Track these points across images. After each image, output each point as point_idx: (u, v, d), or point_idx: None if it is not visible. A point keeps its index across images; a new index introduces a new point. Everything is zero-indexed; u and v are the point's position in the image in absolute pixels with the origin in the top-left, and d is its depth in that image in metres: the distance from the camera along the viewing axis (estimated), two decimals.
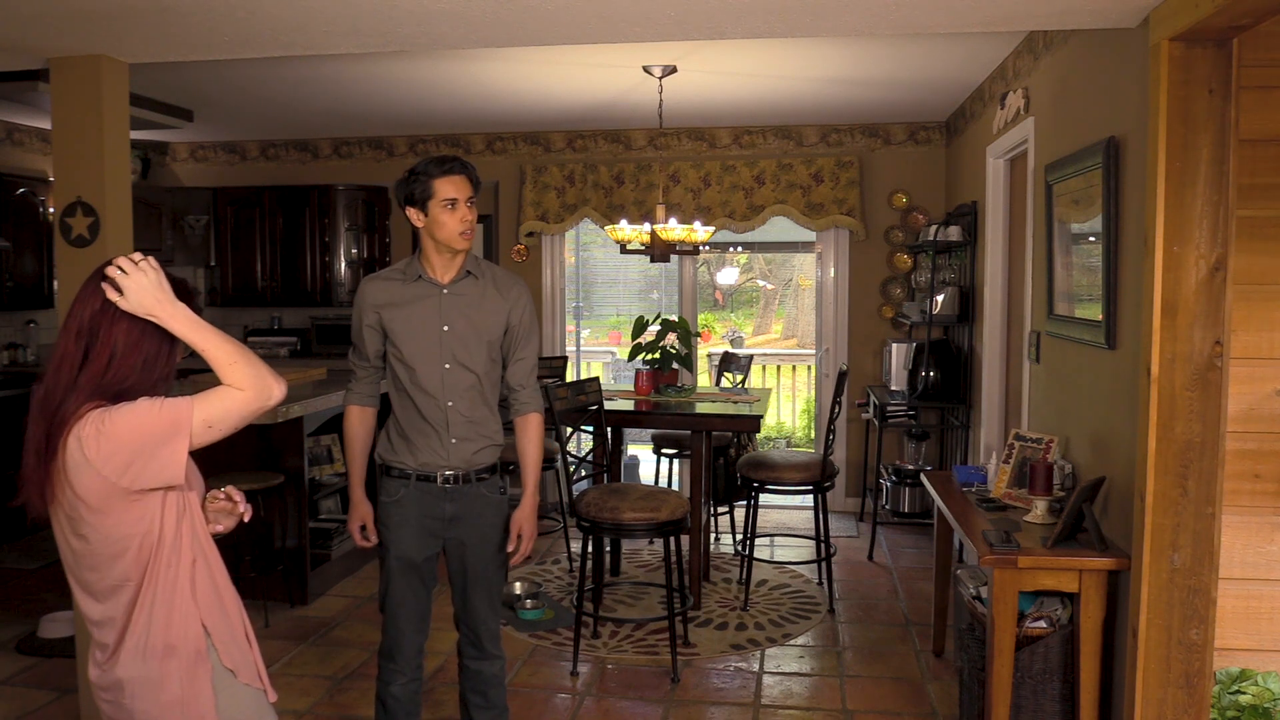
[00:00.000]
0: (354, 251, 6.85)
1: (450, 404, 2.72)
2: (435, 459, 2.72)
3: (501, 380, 2.86)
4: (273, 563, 4.67)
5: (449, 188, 2.66)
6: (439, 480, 2.73)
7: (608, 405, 4.81)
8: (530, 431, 2.86)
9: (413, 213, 2.70)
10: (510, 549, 2.87)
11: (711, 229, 5.46)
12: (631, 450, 7.28)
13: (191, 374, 5.42)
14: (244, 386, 1.73)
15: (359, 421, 2.85)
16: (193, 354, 1.79)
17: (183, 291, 1.80)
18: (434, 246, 2.72)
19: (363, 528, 2.84)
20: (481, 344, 2.75)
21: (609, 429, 4.95)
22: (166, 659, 1.76)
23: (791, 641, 4.30)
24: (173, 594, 1.77)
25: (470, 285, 2.76)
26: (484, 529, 2.81)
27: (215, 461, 4.20)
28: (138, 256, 1.74)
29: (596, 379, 4.73)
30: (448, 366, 2.71)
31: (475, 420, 2.76)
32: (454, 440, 2.73)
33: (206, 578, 1.83)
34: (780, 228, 6.79)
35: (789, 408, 9.45)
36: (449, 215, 2.66)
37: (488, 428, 2.80)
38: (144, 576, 1.76)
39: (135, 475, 1.68)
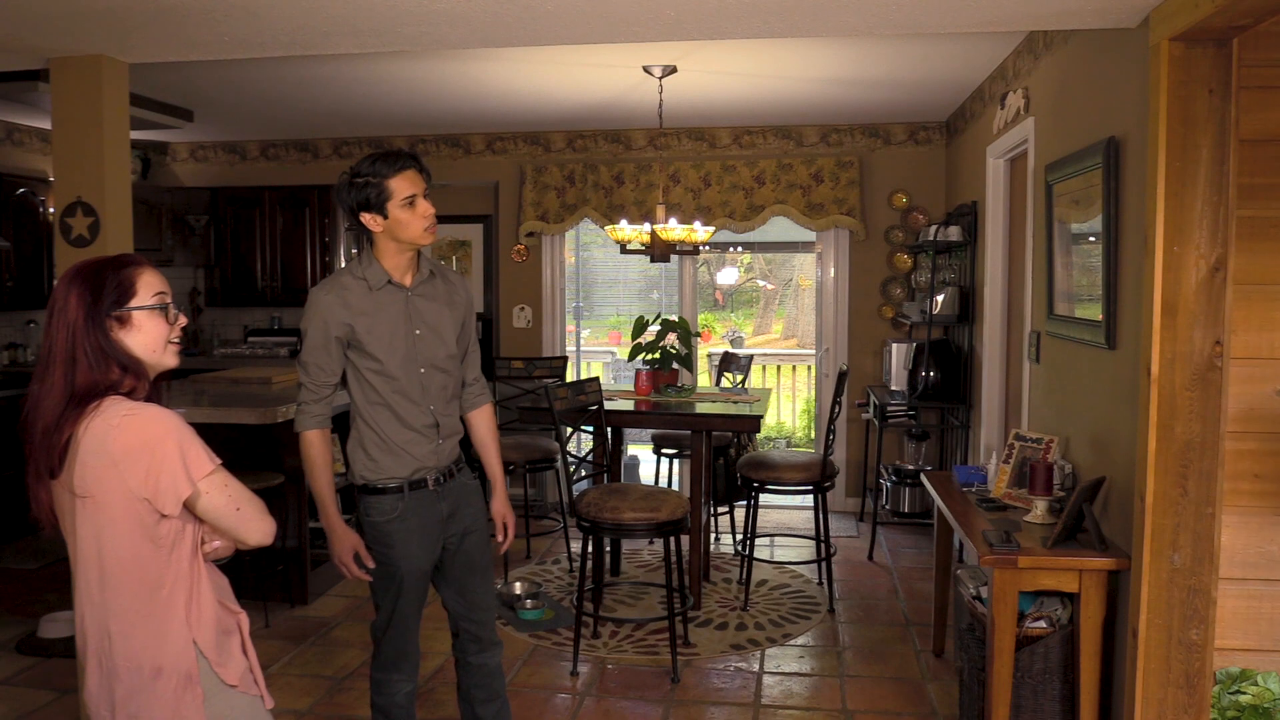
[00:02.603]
0: (354, 251, 6.84)
1: (433, 407, 2.70)
2: (426, 463, 2.70)
3: None
4: (272, 562, 4.66)
5: (405, 185, 2.54)
6: (430, 484, 2.71)
7: (608, 405, 4.81)
8: (490, 422, 2.94)
9: (369, 218, 2.55)
10: (500, 538, 2.89)
11: (711, 229, 5.45)
12: (631, 450, 7.28)
13: (191, 374, 5.43)
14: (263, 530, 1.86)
15: (324, 445, 2.66)
16: (191, 353, 1.80)
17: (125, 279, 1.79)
18: (395, 248, 2.62)
19: (355, 555, 2.64)
20: (448, 343, 2.73)
21: (609, 429, 4.95)
22: (155, 679, 1.76)
23: (791, 641, 4.30)
24: (165, 617, 1.77)
25: (431, 286, 2.73)
26: (475, 515, 2.83)
27: None
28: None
29: (596, 379, 4.73)
30: (423, 370, 2.68)
31: (451, 416, 2.78)
32: (440, 440, 2.73)
33: (205, 600, 1.82)
34: (780, 228, 6.78)
35: (789, 408, 9.45)
36: (410, 214, 2.55)
37: (457, 422, 2.83)
38: (133, 594, 1.76)
39: (141, 476, 1.69)
